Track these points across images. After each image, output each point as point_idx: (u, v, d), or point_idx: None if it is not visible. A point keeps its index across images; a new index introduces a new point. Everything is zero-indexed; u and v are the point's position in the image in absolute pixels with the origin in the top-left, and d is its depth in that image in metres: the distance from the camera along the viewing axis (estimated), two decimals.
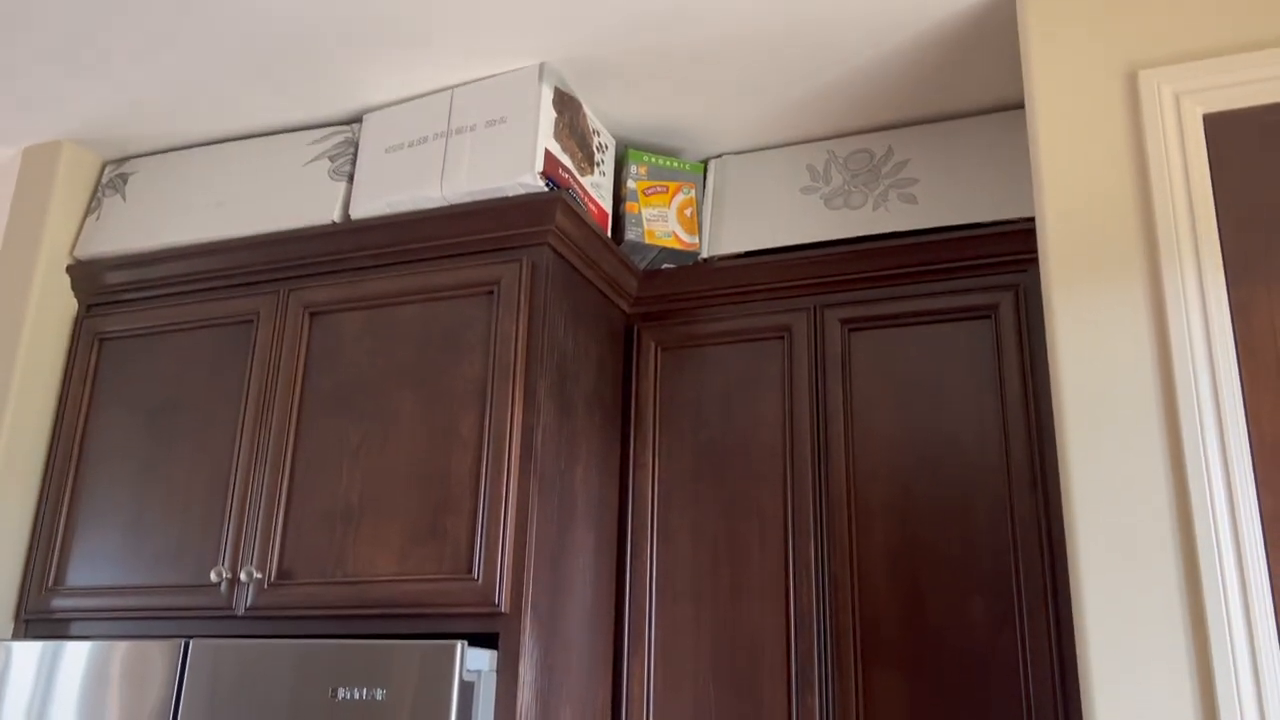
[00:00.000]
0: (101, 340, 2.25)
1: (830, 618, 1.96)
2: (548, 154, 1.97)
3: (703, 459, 2.14)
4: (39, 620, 2.08)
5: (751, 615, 2.01)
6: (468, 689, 1.66)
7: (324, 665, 1.70)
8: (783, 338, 2.15)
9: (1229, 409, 1.46)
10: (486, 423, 1.87)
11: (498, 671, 1.73)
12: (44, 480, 2.18)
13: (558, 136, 2.01)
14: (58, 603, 2.06)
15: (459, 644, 1.65)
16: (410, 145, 2.08)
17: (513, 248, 1.98)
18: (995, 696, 1.82)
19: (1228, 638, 1.36)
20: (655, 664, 2.04)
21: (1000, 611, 1.86)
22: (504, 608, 1.76)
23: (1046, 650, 1.81)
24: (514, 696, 1.71)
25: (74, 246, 2.32)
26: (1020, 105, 2.11)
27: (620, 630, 2.08)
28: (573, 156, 2.06)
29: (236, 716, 1.73)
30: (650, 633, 2.07)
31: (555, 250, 2.00)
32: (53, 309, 2.26)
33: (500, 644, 1.75)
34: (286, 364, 2.05)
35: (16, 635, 2.08)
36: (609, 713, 2.02)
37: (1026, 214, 2.00)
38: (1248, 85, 1.57)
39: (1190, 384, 1.48)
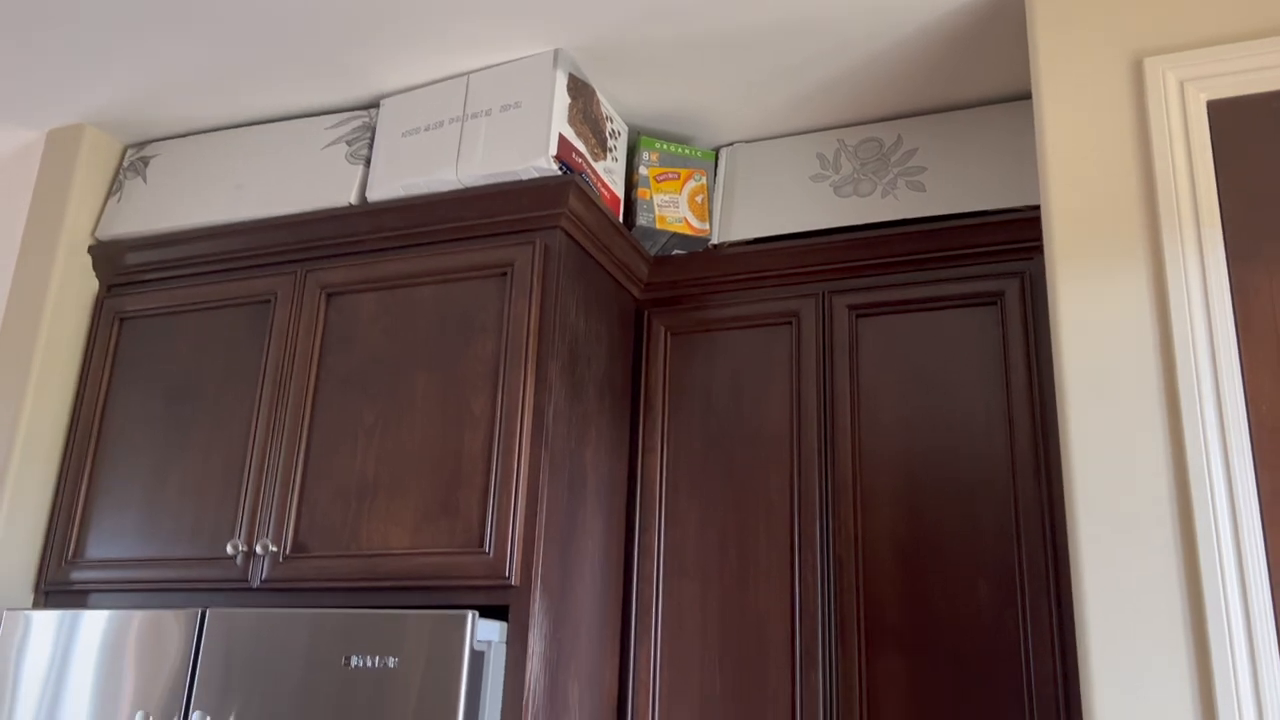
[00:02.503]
0: (122, 320, 2.29)
1: (834, 600, 1.98)
2: (561, 138, 2.00)
3: (711, 443, 2.17)
4: (58, 592, 2.12)
5: (757, 597, 2.04)
6: (478, 658, 1.70)
7: (338, 634, 1.74)
8: (791, 323, 2.18)
9: (1228, 390, 1.48)
10: (499, 402, 1.91)
11: (507, 643, 1.76)
12: (64, 455, 2.22)
13: (571, 121, 2.05)
14: (77, 575, 2.10)
15: (470, 614, 1.68)
16: (426, 129, 2.11)
17: (526, 231, 2.02)
18: (996, 677, 1.85)
19: (1224, 618, 1.39)
20: (662, 643, 2.07)
21: (1002, 595, 1.89)
22: (514, 580, 1.79)
23: (1048, 633, 1.84)
24: (523, 667, 1.75)
25: (95, 228, 2.36)
26: (1028, 95, 2.14)
27: (628, 609, 2.11)
28: (586, 141, 2.09)
29: (252, 683, 1.76)
30: (657, 612, 2.10)
31: (568, 234, 2.03)
32: (74, 289, 2.30)
33: (510, 616, 1.78)
34: (303, 344, 2.09)
35: (36, 606, 2.13)
36: (616, 689, 2.05)
37: (1033, 202, 2.03)
38: (1251, 73, 1.59)
39: (1191, 367, 1.50)
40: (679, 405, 2.22)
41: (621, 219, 2.23)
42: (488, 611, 1.79)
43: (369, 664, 1.70)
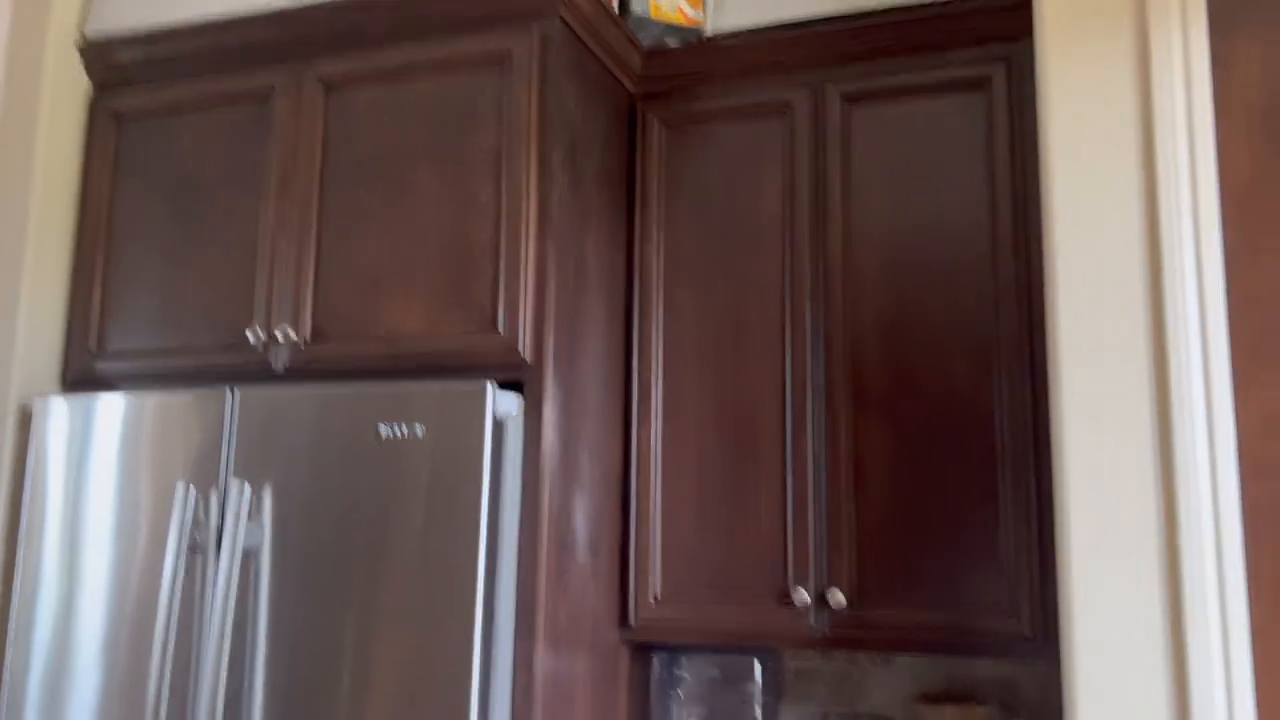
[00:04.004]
0: (119, 119, 2.30)
1: (823, 376, 2.12)
2: None
3: (706, 233, 2.25)
4: (84, 382, 2.22)
5: (751, 375, 2.17)
6: (499, 427, 1.83)
7: (366, 406, 1.86)
8: (784, 113, 2.23)
9: (1203, 162, 1.58)
10: (503, 191, 1.97)
11: (524, 415, 1.89)
12: (75, 252, 2.28)
13: None
14: (101, 366, 2.19)
15: (490, 384, 1.81)
16: None
17: (522, 18, 2.02)
18: (973, 443, 2.01)
19: (1184, 371, 1.52)
20: (662, 420, 2.22)
21: (981, 367, 2.03)
22: (528, 358, 1.91)
23: (1022, 400, 1.99)
24: (539, 436, 1.88)
25: (83, 24, 2.33)
26: None
27: (629, 391, 2.25)
28: None
29: (287, 454, 1.89)
30: (657, 393, 2.23)
31: (564, 22, 2.04)
32: (67, 88, 2.29)
33: (525, 390, 1.91)
34: (306, 138, 2.12)
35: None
36: (621, 461, 2.21)
37: None
38: None
39: (1169, 138, 1.58)
40: (674, 197, 2.29)
41: (616, 8, 2.23)
42: (503, 388, 1.91)
43: (399, 433, 1.82)
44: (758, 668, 2.22)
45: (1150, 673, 1.47)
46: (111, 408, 2.04)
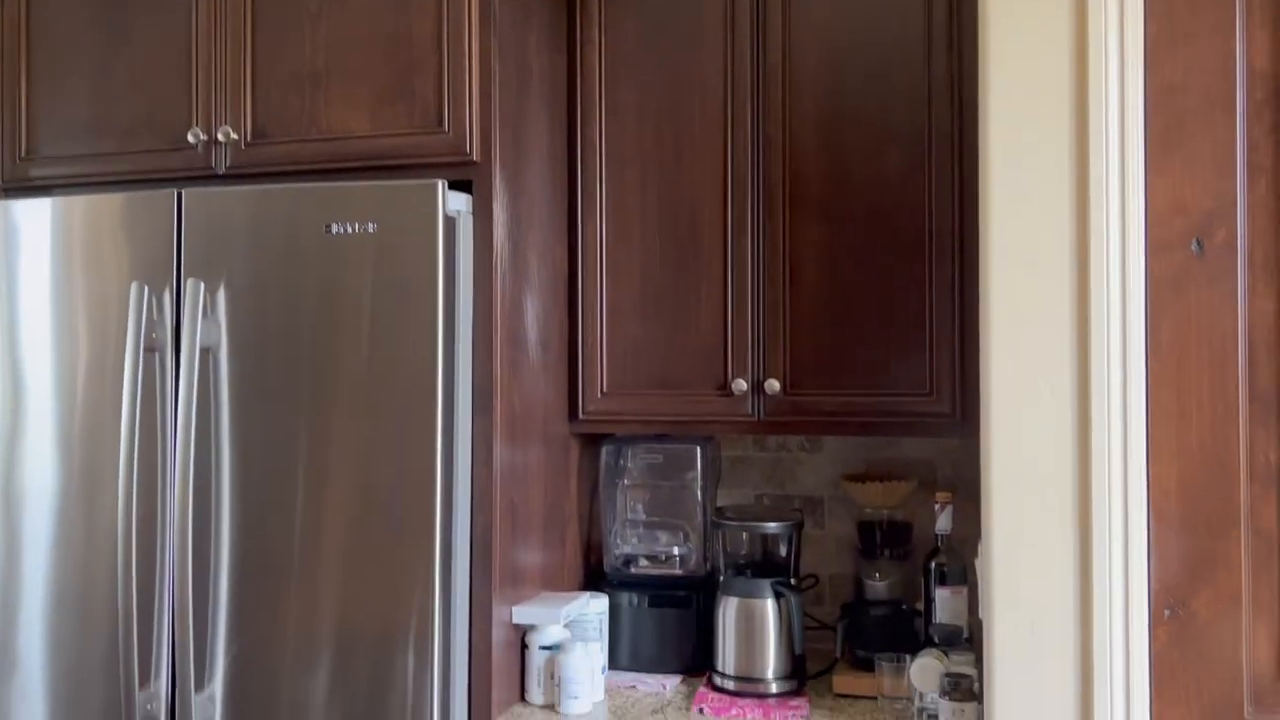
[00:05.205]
0: None
1: (762, 174, 2.19)
2: None
3: (647, 35, 2.25)
4: (19, 189, 2.18)
5: (693, 176, 2.23)
6: (450, 224, 1.87)
7: (317, 204, 1.87)
8: None
9: None
10: None
11: (474, 214, 1.93)
12: None
13: None
14: (36, 171, 2.15)
15: (440, 182, 1.83)
16: None
17: None
18: (903, 231, 2.12)
19: (1103, 155, 1.62)
20: (606, 221, 2.28)
21: (911, 159, 2.12)
22: (475, 157, 1.93)
23: (949, 190, 2.09)
24: (489, 233, 1.93)
25: None
26: None
27: (573, 197, 2.29)
28: None
29: (239, 253, 1.91)
30: (601, 197, 2.28)
31: None
32: None
33: (474, 189, 1.94)
34: None
35: None
36: (566, 262, 2.27)
37: None
38: None
39: None
40: None
41: None
42: (451, 188, 1.94)
43: (350, 230, 1.85)
44: (699, 455, 2.37)
45: (1058, 436, 1.63)
46: (51, 211, 2.02)
